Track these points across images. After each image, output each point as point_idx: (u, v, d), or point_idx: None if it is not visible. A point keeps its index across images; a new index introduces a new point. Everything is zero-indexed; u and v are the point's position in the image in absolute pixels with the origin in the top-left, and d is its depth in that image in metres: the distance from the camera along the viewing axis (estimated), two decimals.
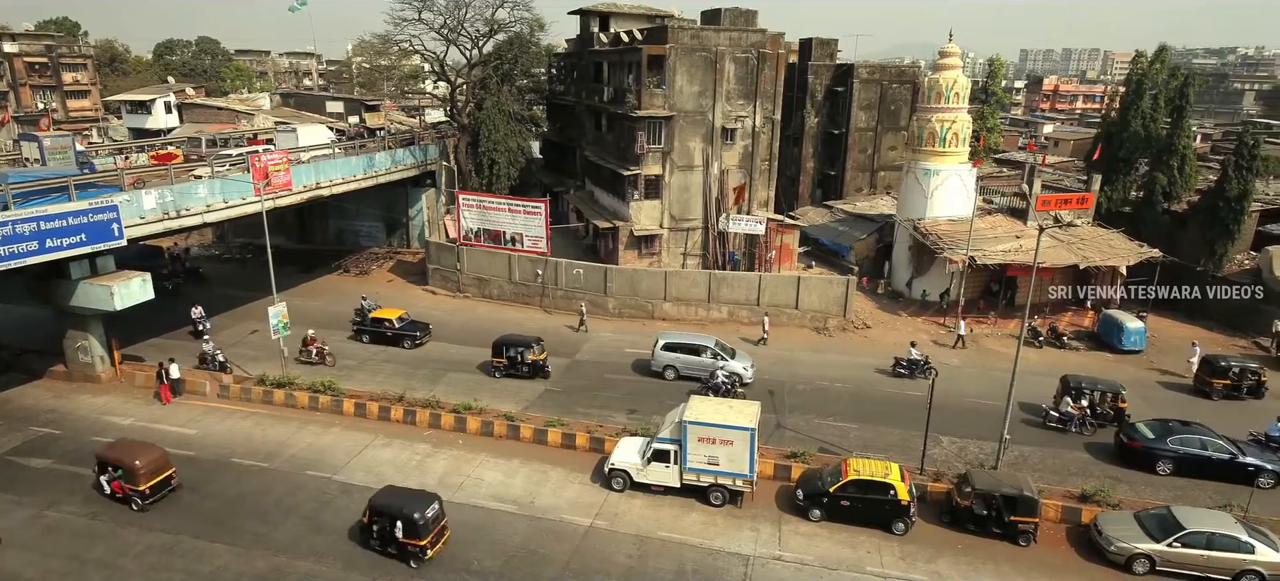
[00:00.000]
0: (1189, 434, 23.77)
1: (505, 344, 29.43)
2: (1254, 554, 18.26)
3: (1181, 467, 23.26)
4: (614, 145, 41.51)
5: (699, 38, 38.00)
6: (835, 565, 18.86)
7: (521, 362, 29.14)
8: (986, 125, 63.26)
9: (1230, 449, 23.35)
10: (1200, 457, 23.24)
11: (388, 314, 33.54)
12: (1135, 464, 23.65)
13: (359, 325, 33.65)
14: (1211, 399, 28.95)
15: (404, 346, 32.59)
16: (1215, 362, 29.83)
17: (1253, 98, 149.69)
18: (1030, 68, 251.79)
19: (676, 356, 29.51)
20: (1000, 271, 37.55)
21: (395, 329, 32.82)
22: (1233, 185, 37.20)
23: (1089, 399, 26.01)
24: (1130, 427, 24.74)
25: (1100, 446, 25.00)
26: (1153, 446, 23.63)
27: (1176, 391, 29.97)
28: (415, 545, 18.05)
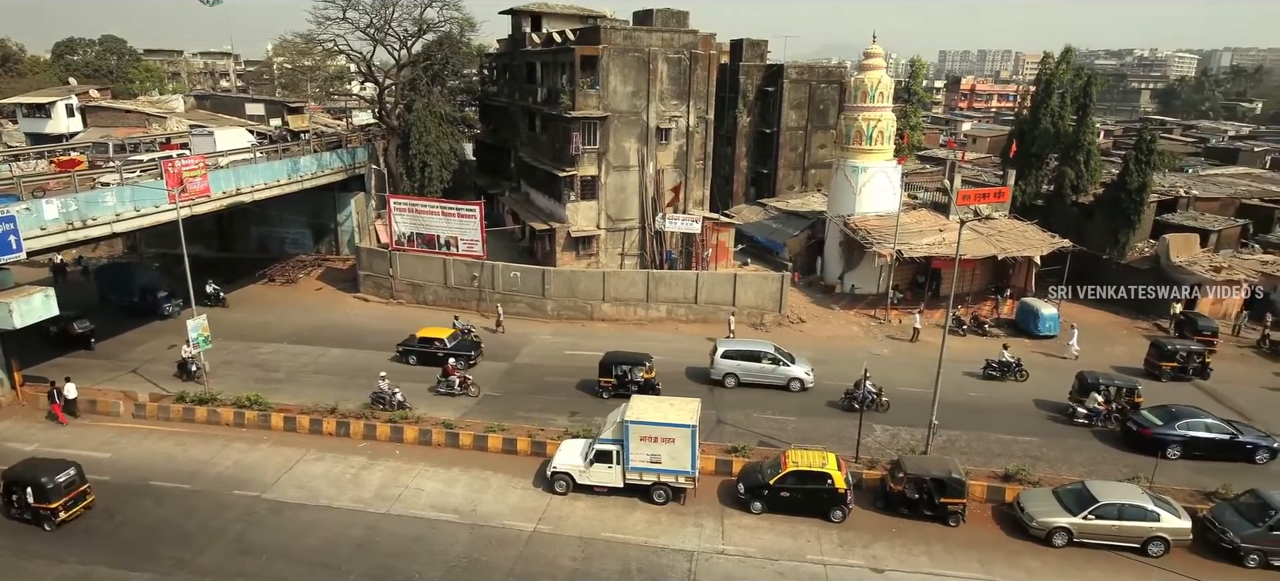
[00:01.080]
0: (1193, 418, 24.92)
1: (614, 362, 27.75)
2: (1160, 521, 19.57)
3: (1188, 450, 24.34)
4: (549, 146, 41.24)
5: (632, 38, 38.14)
6: (777, 555, 19.24)
7: (631, 381, 27.45)
8: (910, 123, 65.66)
9: (1229, 430, 24.69)
10: (1204, 440, 24.42)
11: (436, 333, 30.93)
12: (1145, 450, 24.39)
13: (405, 347, 31.09)
14: (1160, 380, 30.68)
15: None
16: (1163, 346, 31.81)
17: (1148, 96, 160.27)
18: (949, 68, 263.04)
19: (737, 363, 28.91)
20: (926, 264, 39.08)
21: (446, 349, 30.26)
22: (1133, 178, 39.73)
23: (1106, 394, 26.84)
24: (1139, 416, 25.65)
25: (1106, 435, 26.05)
26: (1162, 432, 24.58)
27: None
28: (46, 508, 19.23)
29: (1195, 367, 31.02)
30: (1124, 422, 25.91)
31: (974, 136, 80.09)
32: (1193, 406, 26.04)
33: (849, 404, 27.01)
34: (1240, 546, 19.17)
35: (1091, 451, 24.88)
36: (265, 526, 19.99)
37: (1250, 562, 19.11)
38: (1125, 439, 25.48)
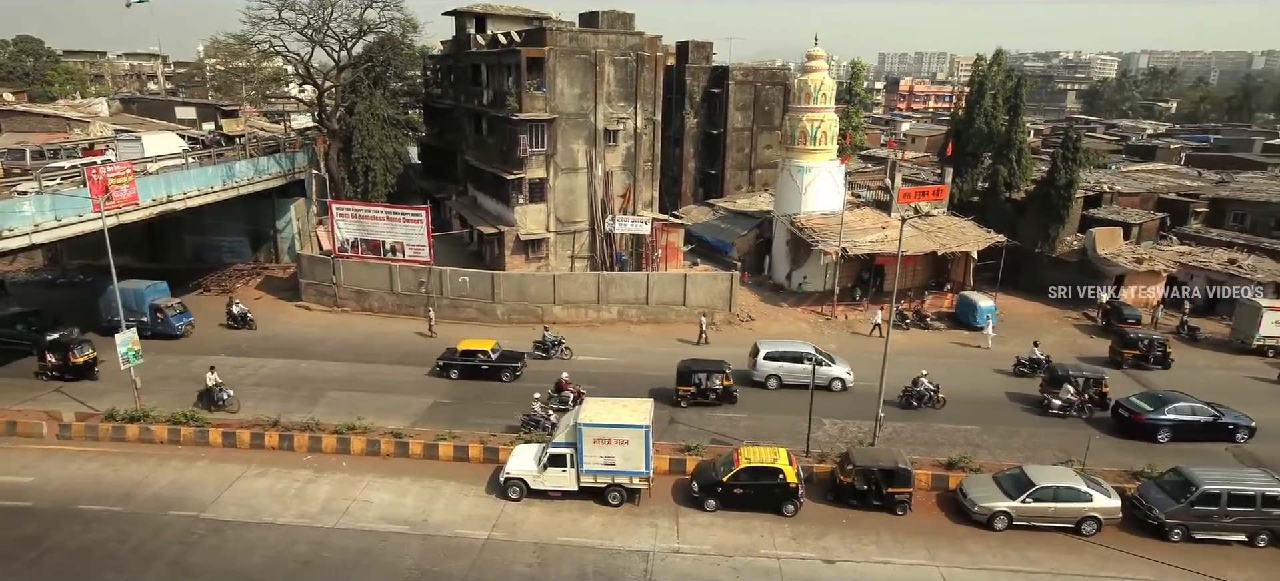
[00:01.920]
0: (1181, 402, 26.11)
1: (692, 370, 27.23)
2: (1092, 502, 20.52)
3: (1177, 433, 25.42)
4: (496, 149, 40.80)
5: (578, 40, 38.05)
6: (732, 552, 19.45)
7: (709, 389, 27.00)
8: (852, 123, 67.35)
9: (1212, 412, 25.88)
10: (1191, 423, 25.59)
11: (479, 345, 29.80)
12: (1137, 435, 25.59)
13: (446, 361, 29.73)
14: (1121, 369, 32.03)
15: (502, 379, 29.27)
16: (1125, 336, 33.34)
17: (1074, 96, 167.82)
18: (888, 70, 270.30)
19: (780, 365, 28.89)
20: (870, 260, 40.08)
21: (491, 362, 29.36)
22: (1061, 175, 41.53)
23: (1075, 385, 27.74)
24: (1129, 403, 26.58)
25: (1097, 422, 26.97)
26: (1152, 417, 25.66)
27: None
28: None
29: (1156, 357, 32.40)
30: (1115, 410, 26.85)
31: (913, 136, 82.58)
32: (1177, 391, 27.27)
33: (907, 402, 27.61)
34: (1165, 522, 20.24)
35: (1081, 439, 25.10)
36: (204, 547, 19.22)
37: (1174, 536, 20.19)
38: (1118, 425, 26.45)
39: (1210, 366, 33.31)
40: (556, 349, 32.13)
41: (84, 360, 28.87)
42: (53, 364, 28.68)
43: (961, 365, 32.26)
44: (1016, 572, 18.93)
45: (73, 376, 28.61)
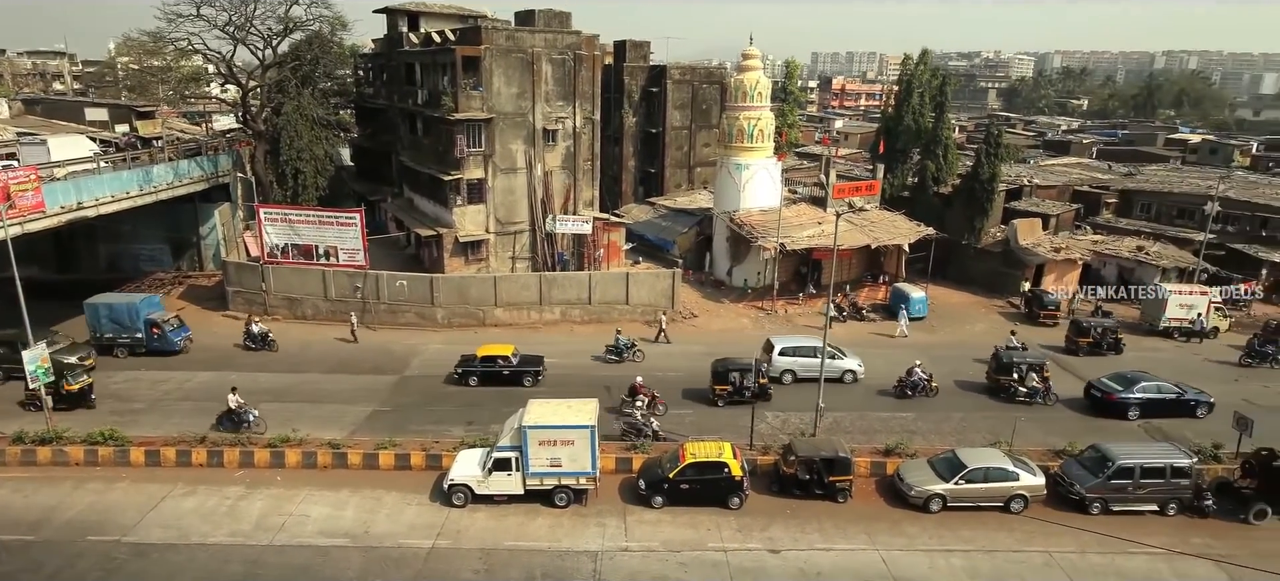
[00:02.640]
0: (1147, 381, 27.77)
1: (728, 369, 27.20)
2: (1019, 481, 21.52)
3: (1145, 411, 27.00)
4: (432, 149, 40.00)
5: (514, 39, 37.65)
6: (679, 547, 19.61)
7: (745, 387, 26.84)
8: (787, 122, 68.70)
9: (1175, 390, 27.65)
10: (1157, 400, 27.27)
11: (498, 350, 29.13)
12: (1110, 413, 27.19)
13: (465, 368, 28.89)
14: (1078, 356, 33.52)
15: (524, 384, 28.50)
16: (1081, 324, 34.81)
17: (994, 95, 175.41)
18: (821, 69, 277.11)
19: (794, 360, 29.42)
20: (807, 255, 41.01)
21: (512, 367, 28.71)
22: (985, 169, 43.39)
23: (1019, 371, 28.74)
24: (1101, 383, 28.18)
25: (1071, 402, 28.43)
26: (1123, 396, 27.29)
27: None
28: None
29: (1109, 343, 34.00)
30: (1088, 390, 28.48)
31: (846, 133, 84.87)
32: (1143, 371, 28.89)
33: (902, 391, 28.59)
34: (1085, 496, 21.41)
35: (1062, 420, 26.74)
36: (126, 572, 18.22)
37: (1094, 509, 21.37)
38: (1091, 405, 28.01)
39: (1158, 349, 35.30)
40: (630, 351, 31.86)
41: (78, 387, 26.16)
42: (49, 394, 25.31)
43: (903, 355, 33.31)
44: (952, 551, 19.70)
45: (66, 406, 25.78)
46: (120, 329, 31.37)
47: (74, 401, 26.05)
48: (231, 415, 24.87)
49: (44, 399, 24.55)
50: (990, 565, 19.20)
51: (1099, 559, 19.53)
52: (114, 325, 31.38)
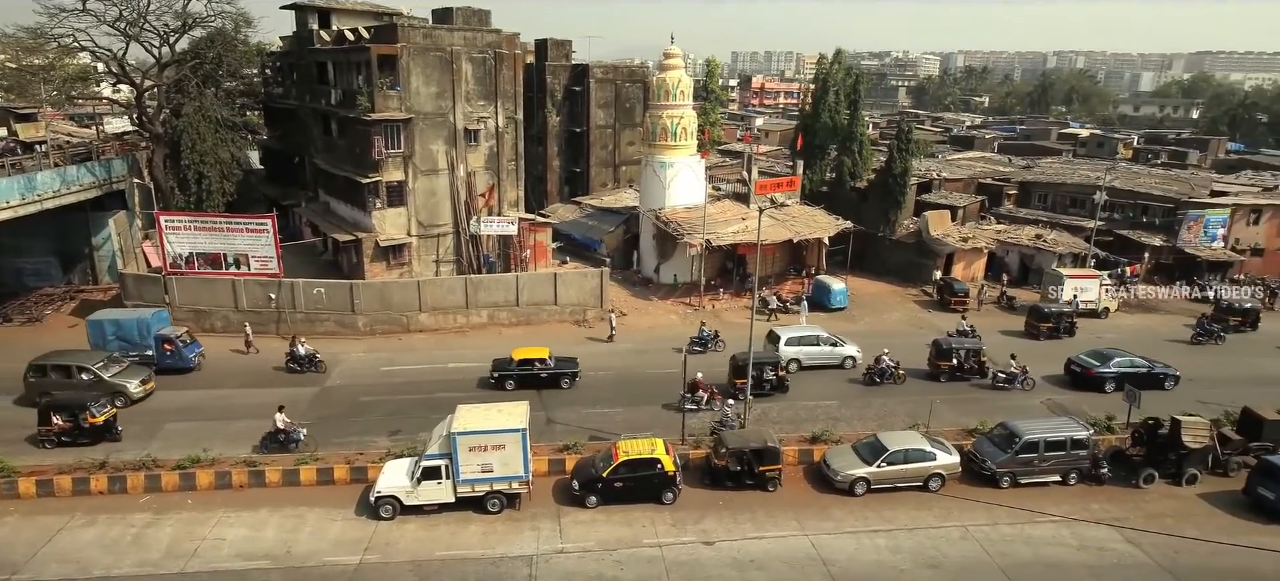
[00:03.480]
0: (1121, 357, 30.15)
1: (747, 362, 27.33)
2: (936, 460, 22.60)
3: (1119, 384, 28.69)
4: (348, 151, 38.62)
5: (432, 37, 36.78)
6: (615, 545, 19.66)
7: (765, 380, 27.95)
8: (709, 120, 69.69)
9: (1146, 364, 29.94)
10: (1130, 373, 29.20)
11: (534, 353, 28.99)
12: (1087, 387, 29.47)
13: (502, 371, 28.64)
14: (1038, 340, 35.40)
15: (562, 386, 28.68)
16: (1041, 311, 36.64)
17: (904, 93, 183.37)
18: (741, 68, 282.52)
19: (800, 349, 31.07)
20: (732, 250, 41.79)
21: (550, 369, 28.66)
22: (898, 164, 45.29)
23: (958, 357, 30.20)
24: (1080, 359, 30.38)
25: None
26: (1100, 371, 29.60)
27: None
28: None
29: (1065, 327, 36.16)
30: (1068, 367, 30.56)
31: (766, 131, 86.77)
32: (1117, 348, 31.22)
33: (871, 379, 29.98)
34: (996, 472, 22.68)
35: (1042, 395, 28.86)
36: None
37: (1004, 483, 22.67)
38: (1070, 380, 30.17)
39: (1106, 328, 37.94)
40: (713, 342, 32.92)
41: (104, 418, 23.88)
42: (61, 428, 23.50)
43: None
44: (876, 531, 20.51)
45: (89, 440, 23.55)
46: (129, 346, 29.24)
47: (97, 434, 23.67)
48: (278, 435, 23.60)
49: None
50: (912, 542, 20.09)
51: (1009, 529, 20.74)
52: (122, 343, 29.28)
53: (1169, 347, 34.68)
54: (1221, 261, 46.07)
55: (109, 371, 26.72)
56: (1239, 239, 47.15)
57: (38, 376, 26.23)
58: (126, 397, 26.23)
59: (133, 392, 26.53)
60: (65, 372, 26.26)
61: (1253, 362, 33.57)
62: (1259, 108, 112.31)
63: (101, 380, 26.11)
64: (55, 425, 23.44)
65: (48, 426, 23.43)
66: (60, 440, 23.45)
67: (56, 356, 27.14)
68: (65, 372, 26.26)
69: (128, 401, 26.21)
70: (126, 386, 26.45)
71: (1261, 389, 28.65)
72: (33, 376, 26.30)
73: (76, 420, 23.49)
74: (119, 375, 26.82)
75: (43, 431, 23.48)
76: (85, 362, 26.62)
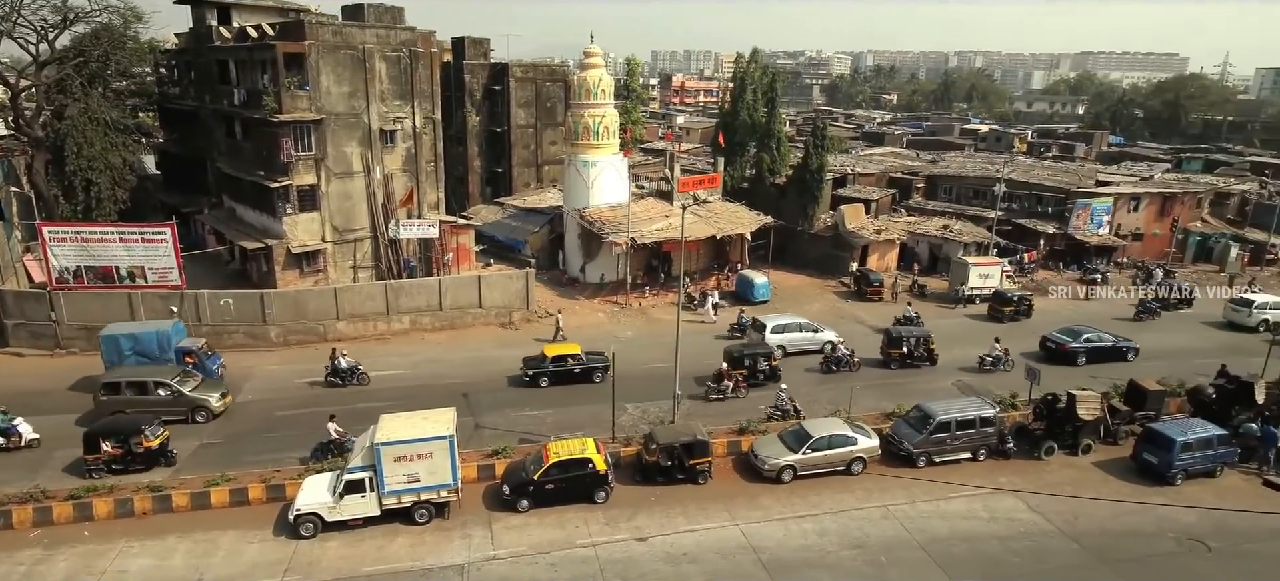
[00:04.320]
0: (1089, 333, 33.12)
1: (743, 355, 29.26)
2: (858, 444, 23.48)
3: (1089, 358, 32.04)
4: (255, 154, 36.78)
5: (343, 35, 35.46)
6: (548, 548, 19.51)
7: (759, 370, 29.17)
8: (631, 118, 69.99)
9: (1110, 339, 33.07)
10: (1098, 348, 32.50)
11: (567, 350, 29.99)
12: (1062, 362, 32.03)
13: (537, 369, 28.96)
14: (1002, 323, 37.74)
15: (594, 380, 29.19)
16: (1004, 295, 39.32)
17: (818, 91, 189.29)
18: (661, 67, 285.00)
19: (784, 336, 32.56)
20: (657, 248, 42.13)
21: (583, 364, 29.45)
22: (814, 160, 46.72)
23: (909, 345, 31.56)
24: (1054, 336, 33.16)
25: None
26: (1073, 346, 32.41)
27: None
28: None
29: (1023, 311, 38.71)
30: (1043, 343, 33.23)
31: (687, 129, 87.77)
32: (1086, 325, 34.06)
33: (828, 368, 31.24)
34: (912, 452, 23.76)
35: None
36: None
37: (920, 463, 23.78)
38: (1046, 356, 32.44)
39: (1062, 307, 40.71)
40: (750, 329, 33.73)
41: (159, 441, 22.51)
42: (111, 454, 21.78)
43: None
44: (803, 517, 21.13)
45: (143, 465, 22.15)
46: (147, 361, 27.36)
47: (150, 459, 22.31)
48: (330, 446, 22.86)
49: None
50: (837, 524, 20.81)
51: (927, 506, 21.78)
52: (140, 358, 27.42)
53: (1117, 326, 37.33)
54: (1107, 246, 49.72)
55: (187, 385, 25.70)
56: (1121, 224, 51.02)
57: (110, 394, 24.97)
58: (208, 412, 25.44)
59: (214, 406, 25.64)
60: (140, 389, 25.16)
61: (1188, 336, 37.10)
62: (1135, 104, 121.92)
63: (181, 395, 25.18)
64: (104, 453, 21.86)
65: (96, 454, 21.81)
66: (109, 468, 21.90)
67: (129, 373, 26.04)
68: (140, 389, 25.16)
69: (210, 415, 25.44)
70: (208, 401, 25.56)
71: (1192, 360, 31.99)
72: (105, 394, 25.01)
73: (128, 445, 22.05)
74: (198, 389, 25.89)
75: (90, 460, 21.85)
76: (162, 378, 25.50)
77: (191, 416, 25.19)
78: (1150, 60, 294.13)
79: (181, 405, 25.14)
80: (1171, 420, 25.12)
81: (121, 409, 24.45)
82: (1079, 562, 19.39)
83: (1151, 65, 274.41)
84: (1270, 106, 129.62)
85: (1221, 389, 26.95)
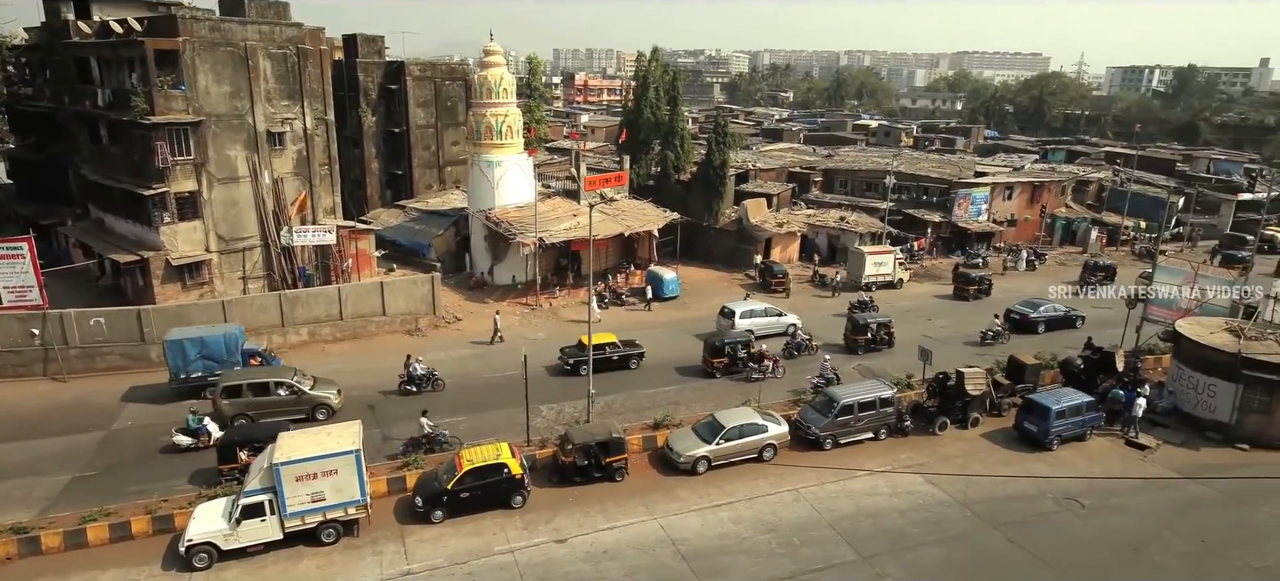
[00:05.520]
0: (1046, 305, 37.89)
1: (725, 343, 30.24)
2: (768, 432, 24.22)
3: (1049, 326, 36.68)
4: (125, 160, 33.97)
5: (221, 30, 33.27)
6: (465, 557, 19.08)
7: (740, 358, 30.13)
8: (535, 117, 69.26)
9: (1063, 309, 37.71)
10: (1054, 317, 37.28)
11: (605, 339, 30.65)
12: (1025, 330, 36.27)
13: (576, 357, 29.48)
14: (968, 300, 41.75)
15: (631, 367, 30.71)
16: (968, 276, 43.28)
17: (719, 89, 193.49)
18: (563, 65, 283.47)
19: (752, 321, 34.19)
20: (566, 247, 41.92)
21: (620, 352, 30.68)
22: (716, 156, 47.78)
23: (871, 330, 33.42)
24: (1017, 308, 37.38)
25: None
26: (1034, 317, 36.82)
27: None
28: None
29: (984, 289, 42.88)
30: (1007, 314, 37.11)
31: (592, 127, 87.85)
32: (1042, 298, 38.87)
33: (790, 352, 32.62)
34: (819, 435, 24.75)
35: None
36: None
37: (827, 445, 24.81)
38: (1011, 326, 36.40)
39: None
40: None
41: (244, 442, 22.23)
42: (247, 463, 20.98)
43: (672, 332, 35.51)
44: (719, 506, 21.61)
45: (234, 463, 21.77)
46: (216, 364, 27.26)
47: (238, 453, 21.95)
48: (422, 440, 23.47)
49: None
50: (751, 511, 21.41)
51: (834, 486, 22.75)
52: (207, 362, 27.31)
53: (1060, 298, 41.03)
54: (986, 232, 53.46)
55: (306, 384, 26.03)
56: (996, 212, 54.98)
57: (232, 397, 24.96)
58: (329, 408, 25.81)
59: (334, 403, 26.07)
60: (262, 390, 25.43)
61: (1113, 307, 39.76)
62: (1006, 100, 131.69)
63: (304, 394, 25.55)
64: (241, 461, 21.43)
65: (231, 463, 21.51)
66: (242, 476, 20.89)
67: (249, 374, 26.37)
68: (262, 390, 25.43)
69: (330, 412, 25.69)
70: (328, 398, 25.98)
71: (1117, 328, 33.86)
72: (226, 397, 24.92)
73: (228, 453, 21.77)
74: (317, 387, 26.20)
75: (226, 469, 21.53)
76: (282, 378, 25.95)
77: (313, 414, 25.43)
78: (1018, 59, 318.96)
79: (303, 403, 25.47)
80: (1047, 390, 27.32)
81: (243, 412, 24.78)
82: (972, 528, 20.79)
83: (1019, 64, 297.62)
84: (1120, 101, 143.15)
85: (1088, 359, 29.56)
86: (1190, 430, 26.52)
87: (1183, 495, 22.73)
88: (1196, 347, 26.87)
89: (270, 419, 24.41)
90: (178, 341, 27.26)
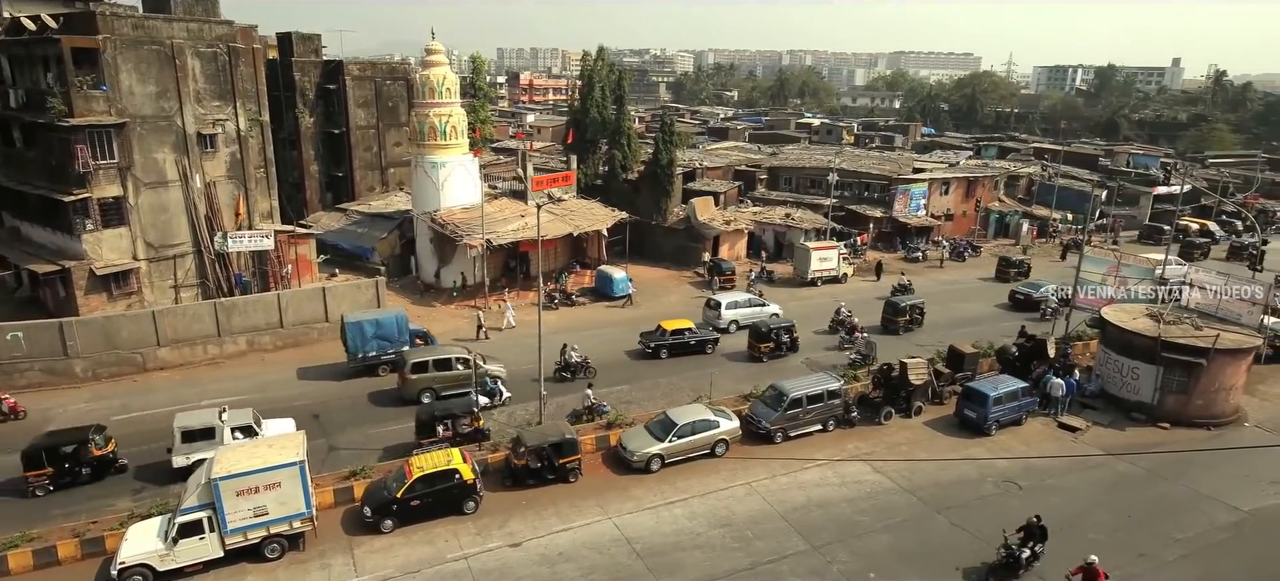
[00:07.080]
0: (1046, 286, 40.36)
1: (771, 329, 32.29)
2: (720, 428, 24.47)
3: (1018, 306, 40.08)
4: (42, 164, 32.16)
5: (145, 28, 31.79)
6: (417, 567, 18.71)
7: (782, 343, 32.35)
8: (480, 117, 68.30)
9: (1032, 288, 40.56)
10: (1029, 298, 40.06)
11: (681, 324, 32.96)
12: (1030, 309, 38.90)
13: (657, 342, 32.08)
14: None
15: (707, 352, 32.70)
16: (1008, 259, 47.18)
17: (665, 88, 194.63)
18: (507, 65, 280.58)
19: (738, 311, 35.77)
20: (514, 248, 41.49)
21: (698, 337, 32.77)
22: (663, 155, 47.99)
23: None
24: (1021, 289, 41.05)
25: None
26: (1036, 296, 39.52)
27: None
28: None
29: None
30: (1011, 296, 41.16)
31: (538, 127, 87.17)
32: (1042, 280, 41.81)
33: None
34: (770, 429, 25.13)
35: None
36: None
37: (778, 439, 25.22)
38: (1014, 306, 39.92)
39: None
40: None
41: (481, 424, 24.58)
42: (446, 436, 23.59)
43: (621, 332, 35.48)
44: (673, 503, 21.74)
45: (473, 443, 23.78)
46: (389, 344, 29.85)
47: (474, 439, 24.08)
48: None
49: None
50: (705, 506, 21.60)
51: (785, 479, 23.15)
52: (382, 342, 29.82)
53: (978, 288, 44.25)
54: (925, 226, 55.17)
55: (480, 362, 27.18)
56: (934, 207, 56.80)
57: (418, 372, 27.20)
58: (501, 382, 27.64)
59: (503, 376, 27.97)
60: (444, 365, 27.61)
61: None
62: (941, 98, 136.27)
63: (478, 367, 26.58)
64: (440, 435, 23.46)
65: (431, 436, 23.37)
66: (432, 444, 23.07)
67: (433, 351, 28.62)
68: (444, 365, 27.61)
69: (501, 386, 27.56)
70: (500, 373, 28.05)
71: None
72: (413, 373, 27.12)
73: (456, 427, 23.81)
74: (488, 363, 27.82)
75: (424, 442, 23.17)
76: (460, 354, 27.89)
77: (483, 387, 26.73)
78: (951, 59, 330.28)
79: (479, 377, 26.56)
80: (984, 378, 28.38)
81: (429, 386, 27.07)
82: (918, 514, 21.44)
83: (953, 63, 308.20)
84: (1047, 99, 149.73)
85: (1022, 346, 30.82)
86: (1117, 411, 27.92)
87: (1111, 473, 23.92)
88: (1120, 333, 28.32)
89: (450, 392, 26.50)
90: (357, 323, 29.57)
